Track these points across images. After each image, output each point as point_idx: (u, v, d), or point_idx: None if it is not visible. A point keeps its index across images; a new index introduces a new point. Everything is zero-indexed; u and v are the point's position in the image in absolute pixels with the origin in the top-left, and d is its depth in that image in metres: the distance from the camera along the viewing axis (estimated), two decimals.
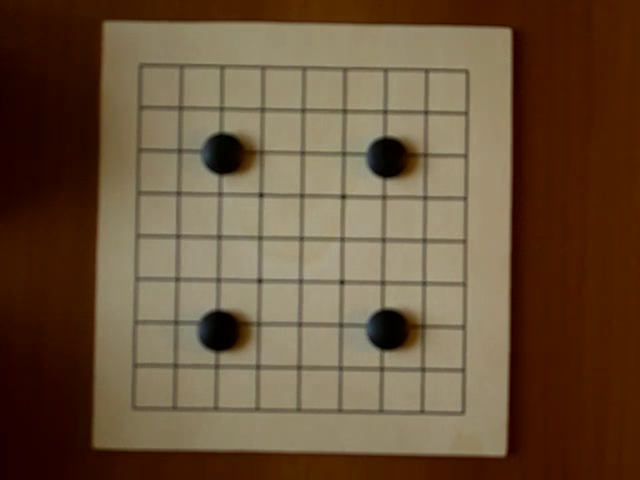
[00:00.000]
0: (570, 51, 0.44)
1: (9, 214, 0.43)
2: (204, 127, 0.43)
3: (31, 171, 0.43)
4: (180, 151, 0.43)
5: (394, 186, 0.43)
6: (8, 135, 0.43)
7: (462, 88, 0.43)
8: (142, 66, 0.43)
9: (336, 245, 0.43)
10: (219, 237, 0.43)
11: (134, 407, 0.43)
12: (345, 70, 0.43)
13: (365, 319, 0.43)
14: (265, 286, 0.43)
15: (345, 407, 0.43)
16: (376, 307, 0.43)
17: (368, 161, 0.43)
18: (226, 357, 0.43)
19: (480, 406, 0.43)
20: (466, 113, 0.43)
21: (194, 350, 0.43)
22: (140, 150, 0.43)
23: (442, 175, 0.43)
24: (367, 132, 0.43)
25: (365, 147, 0.43)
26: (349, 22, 0.44)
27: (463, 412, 0.43)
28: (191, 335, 0.43)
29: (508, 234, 0.43)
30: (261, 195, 0.43)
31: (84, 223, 0.43)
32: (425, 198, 0.43)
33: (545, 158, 0.44)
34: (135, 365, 0.43)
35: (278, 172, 0.43)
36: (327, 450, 0.43)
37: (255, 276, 0.43)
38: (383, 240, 0.43)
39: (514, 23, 0.44)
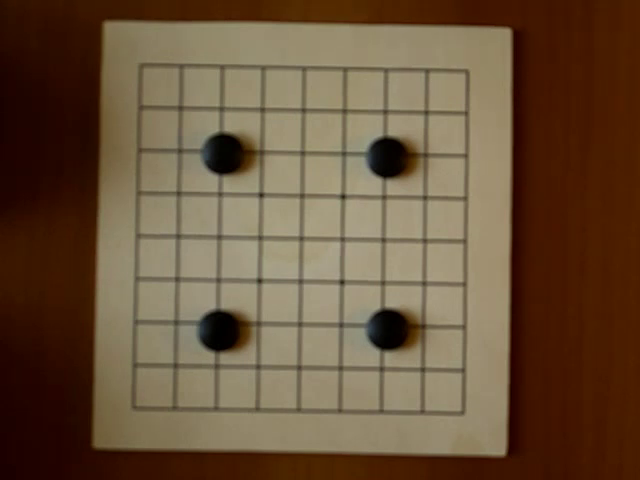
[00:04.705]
0: (570, 51, 0.44)
1: (9, 214, 0.43)
2: (204, 127, 0.43)
3: (31, 171, 0.43)
4: (180, 151, 0.43)
5: (394, 186, 0.43)
6: (8, 135, 0.43)
7: (462, 88, 0.43)
8: (142, 66, 0.43)
9: (336, 245, 0.43)
10: (219, 237, 0.43)
11: (134, 407, 0.43)
12: (345, 70, 0.43)
13: (365, 319, 0.43)
14: (265, 286, 0.43)
15: (345, 407, 0.43)
16: (376, 307, 0.43)
17: (368, 161, 0.43)
18: (226, 357, 0.43)
19: (480, 406, 0.43)
20: (466, 113, 0.43)
21: (194, 350, 0.43)
22: (140, 150, 0.43)
23: (442, 175, 0.43)
24: (367, 132, 0.43)
25: (365, 147, 0.43)
26: (349, 22, 0.44)
27: (463, 412, 0.43)
28: (191, 335, 0.43)
29: (508, 234, 0.43)
30: (261, 195, 0.43)
31: (84, 223, 0.43)
32: (425, 198, 0.43)
33: (545, 158, 0.44)
34: (135, 365, 0.43)
35: (278, 172, 0.43)
36: (327, 450, 0.43)
37: (255, 276, 0.43)
38: (383, 240, 0.43)
39: (514, 23, 0.44)
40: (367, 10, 0.44)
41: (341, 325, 0.43)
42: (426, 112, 0.43)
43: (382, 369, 0.43)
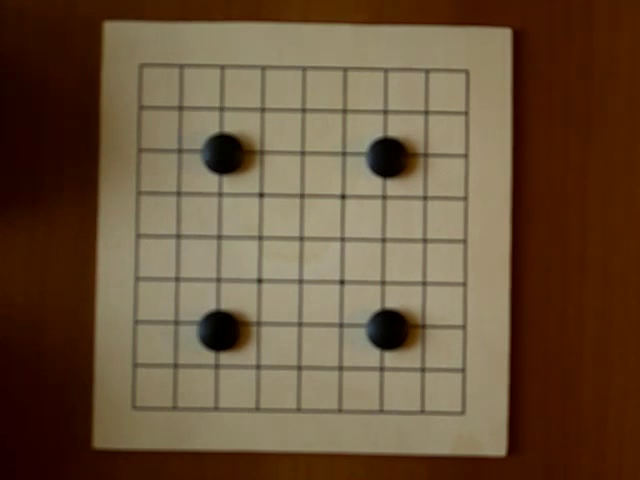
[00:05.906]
0: (570, 51, 0.44)
1: (9, 214, 0.43)
2: (204, 127, 0.43)
3: (31, 171, 0.43)
4: (180, 151, 0.43)
5: (394, 186, 0.43)
6: (8, 135, 0.43)
7: (462, 88, 0.43)
8: (142, 66, 0.43)
9: (336, 245, 0.43)
10: (219, 237, 0.43)
11: (134, 407, 0.43)
12: (345, 70, 0.43)
13: (365, 319, 0.43)
14: (265, 286, 0.43)
15: (345, 407, 0.43)
16: (376, 307, 0.43)
17: (368, 161, 0.43)
18: (226, 357, 0.43)
19: (480, 406, 0.43)
20: (466, 113, 0.43)
21: (194, 350, 0.43)
22: (140, 150, 0.43)
23: (442, 175, 0.43)
24: (367, 132, 0.43)
25: (365, 147, 0.43)
26: (349, 22, 0.44)
27: (463, 412, 0.43)
28: (191, 335, 0.43)
29: (508, 234, 0.43)
30: (261, 195, 0.43)
31: (84, 223, 0.43)
32: (425, 198, 0.43)
33: (545, 158, 0.44)
34: (135, 365, 0.43)
35: (278, 172, 0.43)
36: (327, 450, 0.43)
37: (255, 276, 0.43)
38: (383, 240, 0.43)
39: (514, 23, 0.44)
40: (367, 10, 0.44)
41: (341, 325, 0.43)
42: (426, 112, 0.43)
43: (382, 369, 0.43)
